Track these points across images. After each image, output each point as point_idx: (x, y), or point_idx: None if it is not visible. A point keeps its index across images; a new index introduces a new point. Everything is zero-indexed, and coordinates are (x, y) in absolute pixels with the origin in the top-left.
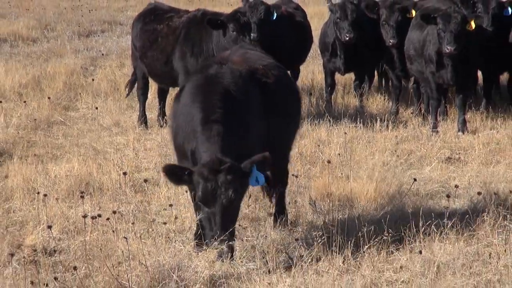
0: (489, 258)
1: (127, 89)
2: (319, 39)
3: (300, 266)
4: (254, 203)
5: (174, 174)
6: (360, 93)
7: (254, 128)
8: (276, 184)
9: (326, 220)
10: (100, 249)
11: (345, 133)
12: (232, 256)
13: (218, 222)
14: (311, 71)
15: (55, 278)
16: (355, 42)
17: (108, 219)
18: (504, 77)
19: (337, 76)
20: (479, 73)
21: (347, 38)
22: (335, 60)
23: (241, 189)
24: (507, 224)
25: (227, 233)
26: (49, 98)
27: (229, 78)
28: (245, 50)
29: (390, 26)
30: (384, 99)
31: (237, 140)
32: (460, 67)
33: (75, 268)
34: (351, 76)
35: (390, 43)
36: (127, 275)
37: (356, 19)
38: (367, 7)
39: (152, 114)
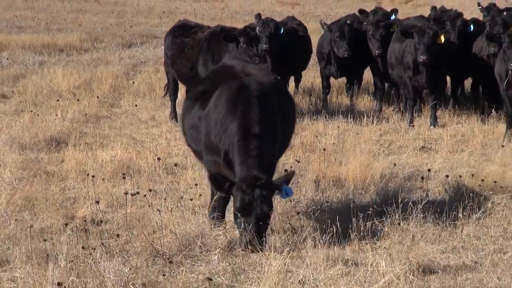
0: (455, 229)
1: (164, 91)
2: (316, 49)
3: (300, 235)
4: None
5: (218, 182)
6: (351, 94)
7: (280, 134)
8: None
9: (322, 197)
10: (138, 220)
11: (338, 126)
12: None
13: (251, 230)
14: (311, 76)
15: (102, 244)
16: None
17: (145, 195)
18: (468, 82)
19: (332, 79)
20: (448, 78)
21: (345, 55)
22: (330, 67)
23: (272, 202)
24: (469, 201)
25: (258, 239)
26: (97, 97)
27: (261, 89)
28: (246, 63)
29: (375, 39)
30: (370, 99)
31: (270, 150)
32: (432, 73)
33: (118, 235)
34: (343, 79)
35: (376, 53)
36: (160, 241)
37: (351, 37)
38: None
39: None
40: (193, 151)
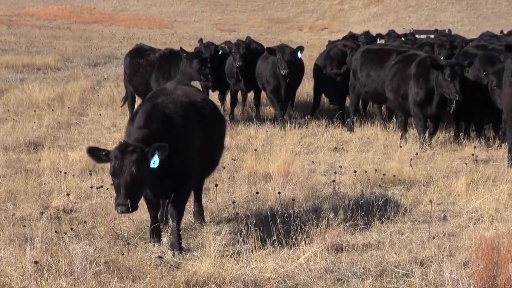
0: (362, 214)
1: (122, 101)
2: (225, 69)
3: (236, 219)
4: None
5: (94, 154)
6: (258, 106)
7: (190, 146)
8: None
9: (254, 189)
10: (102, 209)
11: (267, 131)
12: (180, 250)
13: (122, 191)
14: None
15: (72, 229)
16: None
17: (107, 189)
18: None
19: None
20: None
21: (237, 65)
22: (239, 83)
23: (142, 167)
24: (373, 191)
25: (126, 199)
26: (68, 107)
27: (172, 107)
28: (183, 86)
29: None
30: (294, 110)
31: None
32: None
33: (85, 222)
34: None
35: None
36: (120, 226)
37: (246, 53)
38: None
39: None
40: None
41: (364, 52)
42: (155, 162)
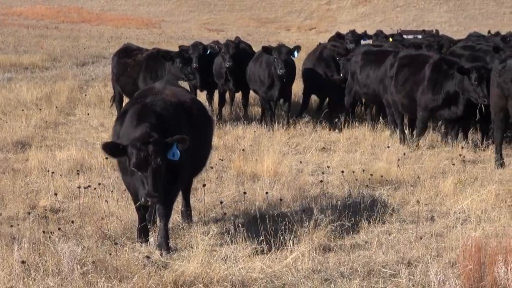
0: (349, 214)
1: (110, 102)
2: (213, 69)
3: (223, 220)
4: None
5: (110, 149)
6: (246, 106)
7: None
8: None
9: (241, 189)
10: (90, 209)
11: (255, 131)
12: (167, 249)
13: (150, 182)
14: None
15: (59, 229)
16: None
17: (95, 188)
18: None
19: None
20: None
21: (227, 66)
22: (228, 83)
23: (165, 157)
24: (361, 192)
25: (156, 189)
26: (56, 107)
27: (162, 106)
28: (172, 86)
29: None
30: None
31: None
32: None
33: (72, 221)
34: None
35: (279, 73)
36: (108, 226)
37: (235, 54)
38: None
39: None
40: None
41: (364, 54)
42: (174, 154)
